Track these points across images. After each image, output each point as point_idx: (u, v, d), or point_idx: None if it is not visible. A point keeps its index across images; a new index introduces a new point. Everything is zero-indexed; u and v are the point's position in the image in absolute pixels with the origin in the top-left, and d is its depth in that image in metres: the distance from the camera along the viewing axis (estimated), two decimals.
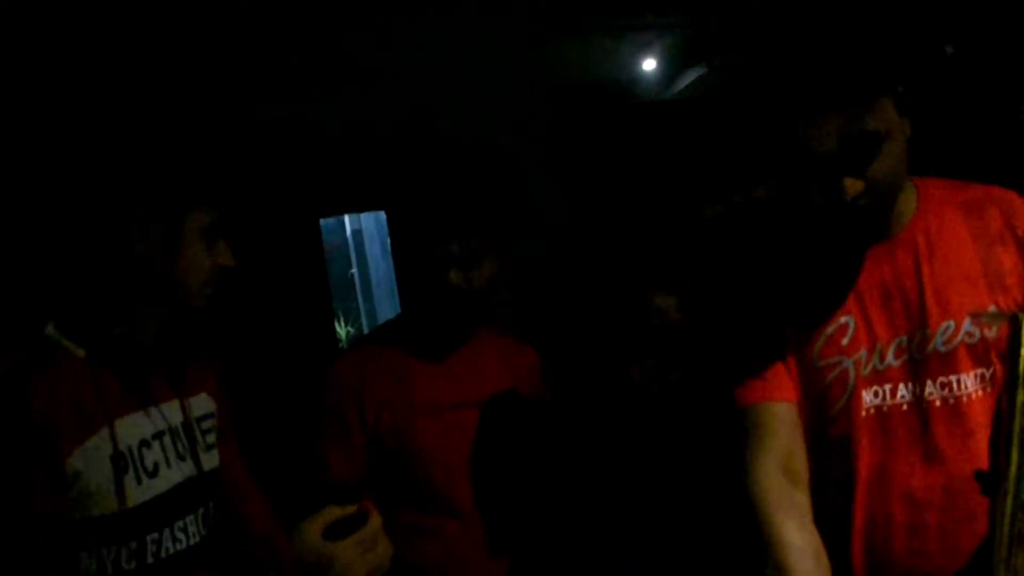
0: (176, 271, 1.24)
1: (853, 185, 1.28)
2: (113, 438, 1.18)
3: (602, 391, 1.65)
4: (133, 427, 1.23)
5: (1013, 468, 1.14)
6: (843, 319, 1.41)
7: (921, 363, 1.38)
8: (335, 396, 1.80)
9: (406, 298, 1.93)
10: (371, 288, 6.01)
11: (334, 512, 1.20)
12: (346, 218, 6.10)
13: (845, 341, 1.40)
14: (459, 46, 3.45)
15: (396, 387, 1.79)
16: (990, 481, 1.19)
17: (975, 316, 1.36)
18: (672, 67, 4.62)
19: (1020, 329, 1.17)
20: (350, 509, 1.21)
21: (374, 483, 1.76)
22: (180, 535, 1.24)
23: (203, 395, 1.40)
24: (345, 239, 6.10)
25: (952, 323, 1.37)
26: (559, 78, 4.04)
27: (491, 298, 1.74)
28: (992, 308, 1.37)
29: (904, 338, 1.39)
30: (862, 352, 1.40)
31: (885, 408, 1.39)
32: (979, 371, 1.37)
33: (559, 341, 1.95)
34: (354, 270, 6.10)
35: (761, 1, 3.47)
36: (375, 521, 1.21)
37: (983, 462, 1.28)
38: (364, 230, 6.03)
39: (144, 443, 1.24)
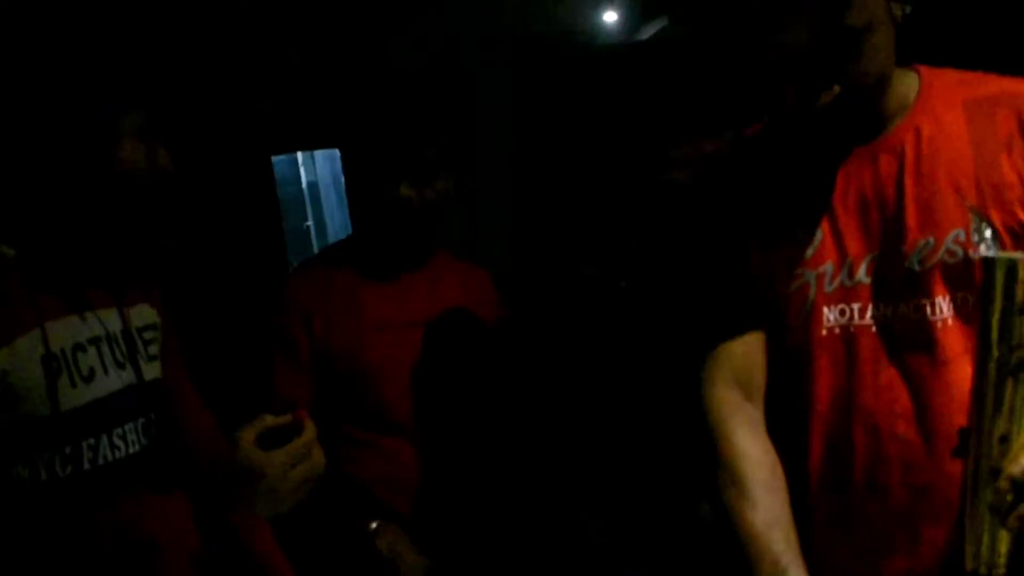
0: (110, 170, 1.19)
1: (828, 90, 1.16)
2: (45, 340, 1.14)
3: (554, 302, 1.62)
4: (67, 330, 1.19)
5: (985, 428, 1.07)
6: (808, 230, 1.29)
7: (894, 282, 1.25)
8: (284, 317, 1.79)
9: (356, 218, 1.90)
10: (328, 241, 5.94)
11: (267, 421, 1.17)
12: (301, 169, 6.01)
13: (809, 252, 1.28)
14: None
15: (346, 306, 1.77)
16: (962, 442, 1.11)
17: (959, 234, 1.21)
18: (633, 18, 4.58)
19: (994, 272, 1.06)
20: (284, 419, 1.18)
21: (321, 403, 1.75)
22: (119, 443, 1.21)
23: (144, 306, 1.36)
24: (300, 190, 6.01)
25: (931, 240, 1.23)
26: (519, 28, 3.99)
27: (441, 216, 1.71)
28: (982, 225, 1.21)
29: (877, 253, 1.26)
30: (827, 265, 1.28)
31: (852, 328, 1.27)
32: (959, 295, 1.23)
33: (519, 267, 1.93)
34: (309, 222, 6.01)
35: None
36: (309, 432, 1.19)
37: (957, 395, 1.20)
38: (320, 181, 5.95)
39: (79, 347, 1.19)
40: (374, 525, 1.74)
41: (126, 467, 1.21)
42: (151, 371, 1.31)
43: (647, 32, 4.56)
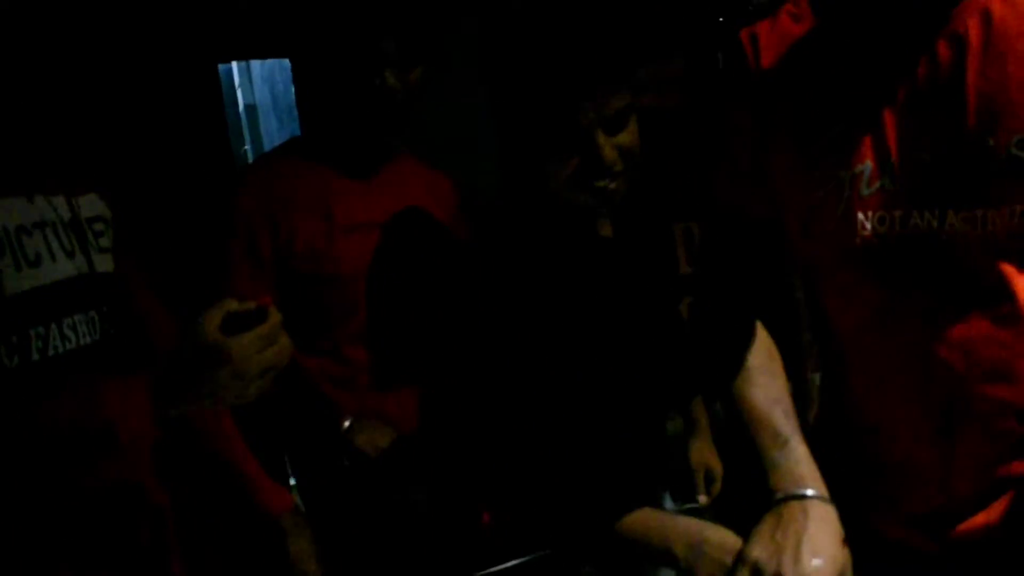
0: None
1: None
2: None
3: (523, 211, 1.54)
4: (11, 211, 1.10)
5: None
6: (845, 125, 1.13)
7: (947, 188, 1.08)
8: (241, 214, 1.66)
9: (317, 116, 1.78)
10: None
11: (231, 305, 1.10)
12: (238, 92, 5.81)
13: (846, 151, 1.12)
14: None
15: (314, 204, 1.67)
16: None
17: None
18: None
19: None
20: (248, 304, 1.11)
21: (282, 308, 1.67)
22: (70, 333, 1.13)
23: (94, 196, 1.28)
24: (238, 115, 5.81)
25: (994, 141, 1.04)
26: None
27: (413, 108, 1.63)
28: None
29: (927, 154, 1.08)
30: (866, 165, 1.11)
31: (892, 239, 1.10)
32: (1020, 207, 1.05)
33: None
34: (247, 146, 5.84)
35: None
36: (274, 317, 1.12)
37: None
38: (259, 105, 5.76)
39: (23, 229, 1.11)
40: (347, 423, 1.67)
41: (78, 358, 1.14)
42: (102, 263, 1.24)
43: None
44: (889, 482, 1.22)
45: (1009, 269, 1.07)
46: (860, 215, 1.11)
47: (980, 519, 1.15)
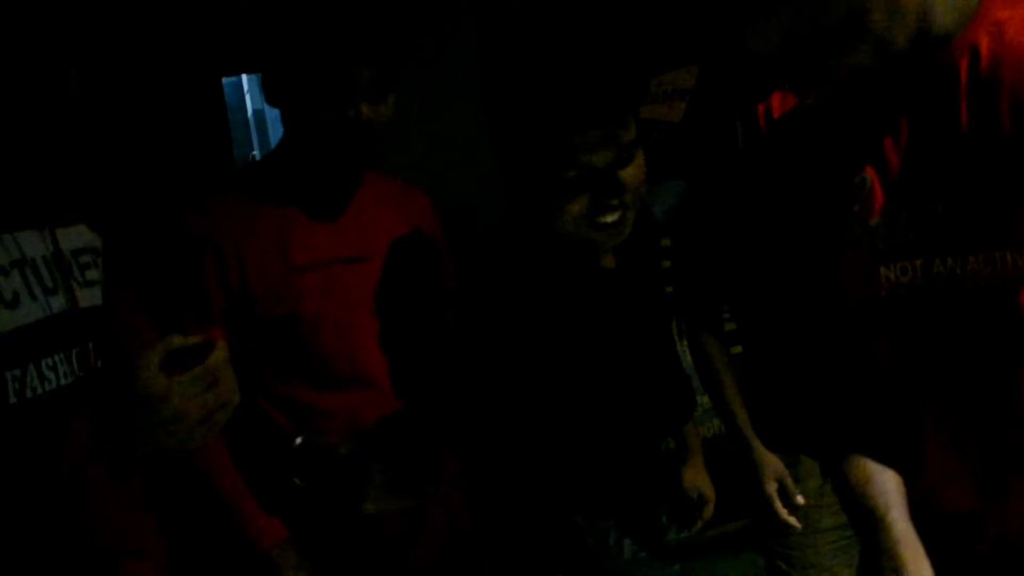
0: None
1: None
2: None
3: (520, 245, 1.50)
4: None
5: None
6: (855, 177, 1.09)
7: (962, 233, 1.02)
8: (185, 256, 1.52)
9: (290, 138, 1.61)
10: None
11: (173, 341, 1.03)
12: (247, 97, 5.81)
13: (857, 204, 1.10)
14: None
15: (271, 241, 1.54)
16: None
17: None
18: None
19: None
20: (193, 339, 1.04)
21: (256, 365, 1.54)
22: (49, 374, 1.12)
23: (82, 227, 1.26)
24: (245, 119, 5.81)
25: (999, 179, 0.99)
26: None
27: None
28: None
29: (938, 202, 1.04)
30: (880, 218, 1.08)
31: (917, 289, 1.06)
32: None
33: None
34: (255, 152, 5.83)
35: None
36: (219, 354, 1.05)
37: None
38: (267, 109, 5.76)
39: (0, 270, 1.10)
40: (299, 440, 1.53)
41: (57, 399, 1.12)
42: (88, 298, 1.22)
43: None
44: (945, 533, 1.16)
45: None
46: (883, 269, 1.08)
47: None
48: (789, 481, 1.93)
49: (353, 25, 1.49)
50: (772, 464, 1.93)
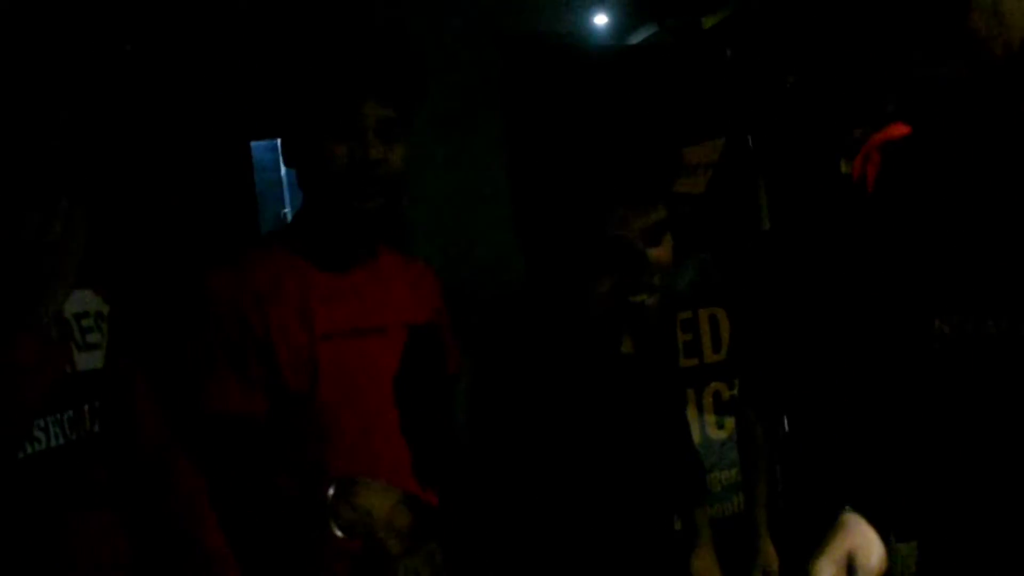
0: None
1: None
2: None
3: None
4: None
5: None
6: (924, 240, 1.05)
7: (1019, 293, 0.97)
8: (216, 319, 1.43)
9: (307, 198, 1.54)
10: None
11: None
12: (280, 156, 5.91)
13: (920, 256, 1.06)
14: None
15: (295, 307, 1.47)
16: None
17: None
18: (623, 23, 4.54)
19: None
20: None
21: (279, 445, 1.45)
22: (39, 435, 1.13)
23: (87, 292, 1.28)
24: (279, 177, 5.90)
25: None
26: (507, 28, 3.93)
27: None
28: None
29: (1004, 257, 0.99)
30: (937, 267, 1.04)
31: (968, 343, 1.02)
32: None
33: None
34: (287, 210, 5.91)
35: None
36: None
37: None
38: None
39: None
40: (332, 490, 1.38)
41: (45, 461, 1.13)
42: (87, 361, 1.24)
43: (637, 37, 4.52)
44: None
45: None
46: (937, 320, 1.04)
47: None
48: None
49: (366, 63, 1.45)
50: (768, 554, 1.93)
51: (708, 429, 3.15)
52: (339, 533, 1.36)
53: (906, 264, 1.11)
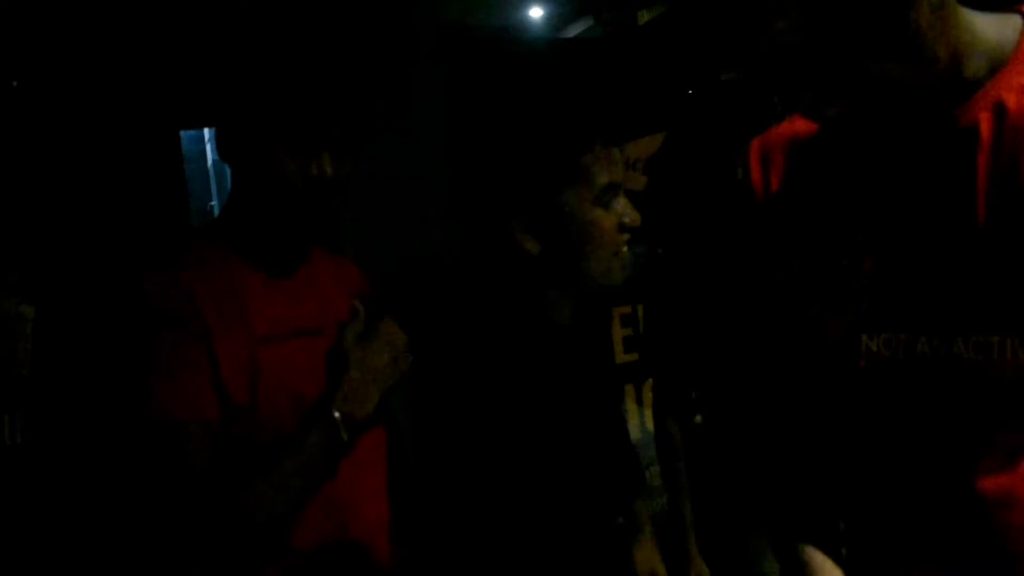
0: None
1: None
2: None
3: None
4: None
5: None
6: (843, 238, 1.02)
7: (955, 311, 0.94)
8: (154, 324, 1.36)
9: (244, 197, 1.48)
10: None
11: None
12: (208, 146, 5.79)
13: (847, 265, 1.02)
14: None
15: (232, 309, 1.42)
16: None
17: None
18: (559, 17, 4.55)
19: None
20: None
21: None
22: None
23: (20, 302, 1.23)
24: (205, 168, 5.78)
25: (1007, 251, 0.90)
26: (445, 19, 3.90)
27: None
28: None
29: (933, 270, 0.96)
30: (868, 280, 1.01)
31: (898, 364, 0.99)
32: None
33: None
34: (214, 202, 5.79)
35: None
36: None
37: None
38: None
39: None
40: None
41: None
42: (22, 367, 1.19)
43: (573, 30, 4.54)
44: None
45: None
46: (864, 336, 1.01)
47: None
48: None
49: (326, 80, 1.44)
50: (697, 561, 1.97)
51: (648, 424, 3.17)
52: None
53: (817, 276, 1.06)
